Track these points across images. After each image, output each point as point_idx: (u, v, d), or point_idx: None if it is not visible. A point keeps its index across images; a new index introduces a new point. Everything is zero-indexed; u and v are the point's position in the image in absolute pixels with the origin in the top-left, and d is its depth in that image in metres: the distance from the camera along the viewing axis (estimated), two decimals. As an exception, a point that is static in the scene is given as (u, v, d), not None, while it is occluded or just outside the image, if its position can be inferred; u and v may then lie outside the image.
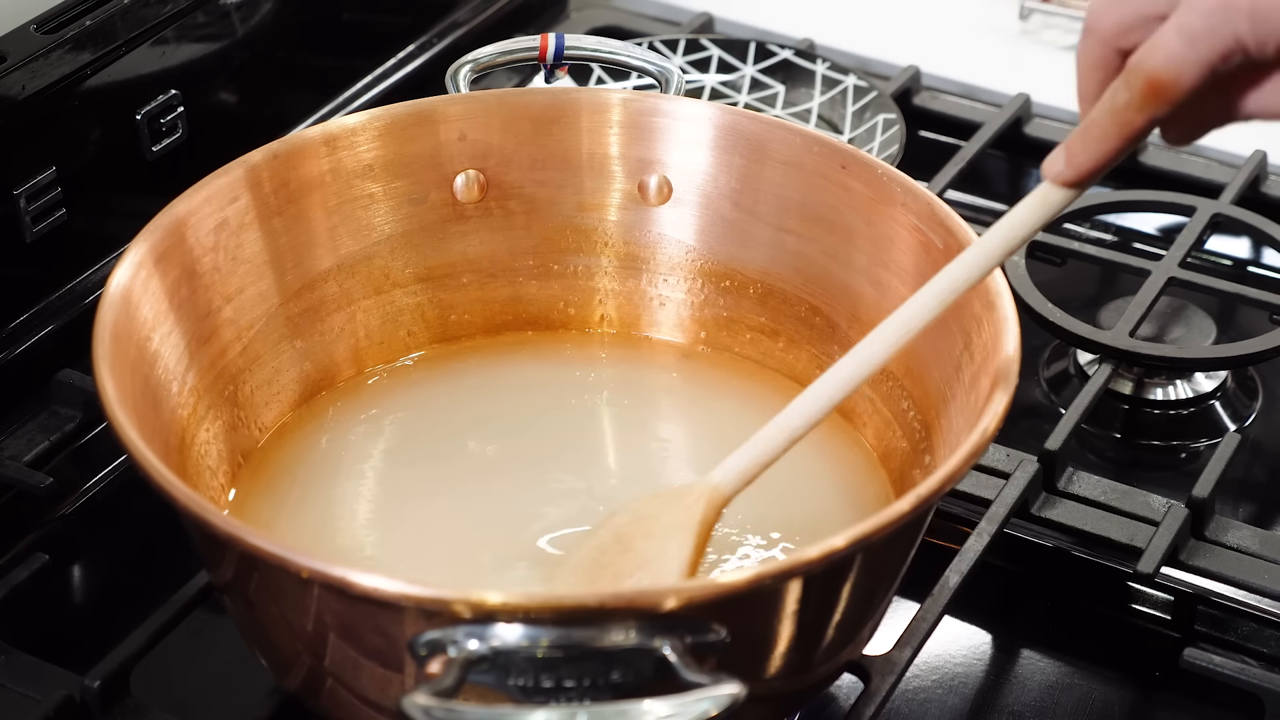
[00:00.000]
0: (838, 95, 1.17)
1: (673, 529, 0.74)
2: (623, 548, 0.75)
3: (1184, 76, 0.66)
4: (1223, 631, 0.89)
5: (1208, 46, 0.65)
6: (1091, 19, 0.69)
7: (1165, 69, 0.66)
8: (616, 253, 0.93)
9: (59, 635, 0.87)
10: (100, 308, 0.76)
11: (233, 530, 0.67)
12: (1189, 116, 0.68)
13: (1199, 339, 1.04)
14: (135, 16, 1.00)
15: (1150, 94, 0.67)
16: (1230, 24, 0.65)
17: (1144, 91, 0.67)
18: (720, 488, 0.75)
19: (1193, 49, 0.65)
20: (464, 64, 0.96)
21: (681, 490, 0.76)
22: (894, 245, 0.85)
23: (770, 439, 0.75)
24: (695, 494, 0.75)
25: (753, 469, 0.75)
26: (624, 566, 0.74)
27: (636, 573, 0.73)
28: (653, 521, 0.75)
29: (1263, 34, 0.65)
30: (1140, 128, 0.68)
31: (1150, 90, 0.67)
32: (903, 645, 0.79)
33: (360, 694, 0.71)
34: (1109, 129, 0.69)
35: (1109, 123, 0.68)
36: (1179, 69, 0.66)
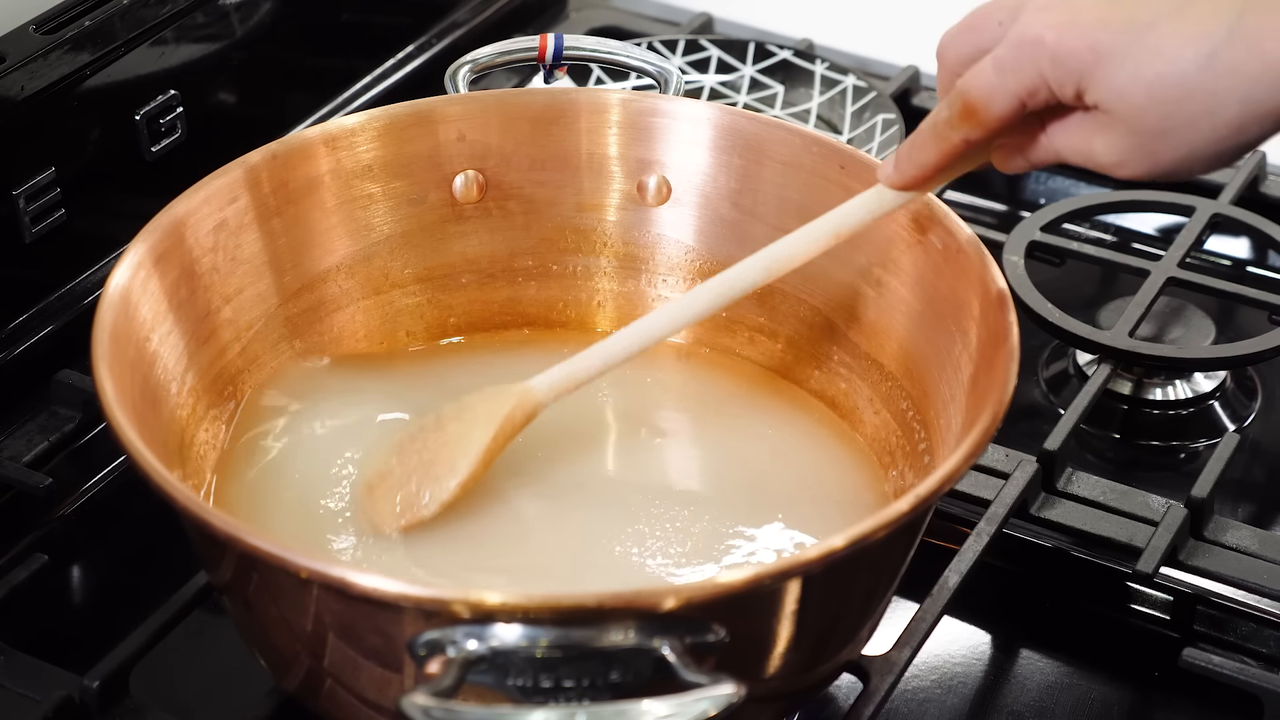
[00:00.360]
0: (837, 95, 1.17)
1: (481, 418, 0.81)
2: (438, 427, 0.81)
3: (994, 103, 0.72)
4: (1222, 631, 0.89)
5: (1015, 79, 0.71)
6: (940, 50, 0.76)
7: (978, 94, 0.72)
8: (615, 253, 0.93)
9: (58, 635, 0.87)
10: (99, 308, 0.76)
11: (232, 530, 0.67)
12: (1012, 147, 0.75)
13: (1198, 339, 1.04)
14: (134, 17, 1.00)
15: (965, 115, 0.73)
16: (1035, 62, 0.70)
17: (960, 112, 0.73)
18: (533, 392, 0.81)
19: (1002, 80, 0.71)
20: (463, 64, 0.96)
21: (501, 388, 0.81)
22: (892, 245, 0.85)
23: (590, 359, 0.82)
24: (510, 392, 0.81)
25: (568, 384, 0.82)
26: (432, 441, 0.81)
27: (439, 449, 0.80)
28: (468, 409, 0.81)
29: (1061, 76, 0.70)
30: (956, 144, 0.74)
31: (965, 112, 0.73)
32: (902, 645, 0.79)
33: (359, 694, 0.71)
34: (929, 142, 0.75)
35: (930, 137, 0.75)
36: (989, 95, 0.72)
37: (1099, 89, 0.69)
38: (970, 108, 0.73)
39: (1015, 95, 0.71)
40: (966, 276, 0.80)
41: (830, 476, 0.85)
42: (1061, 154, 0.73)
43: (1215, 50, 0.67)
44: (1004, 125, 0.73)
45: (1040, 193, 1.19)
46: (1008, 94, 0.71)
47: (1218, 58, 0.67)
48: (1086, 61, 0.69)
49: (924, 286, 0.83)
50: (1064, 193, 1.18)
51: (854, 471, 0.86)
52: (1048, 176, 1.18)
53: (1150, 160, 0.70)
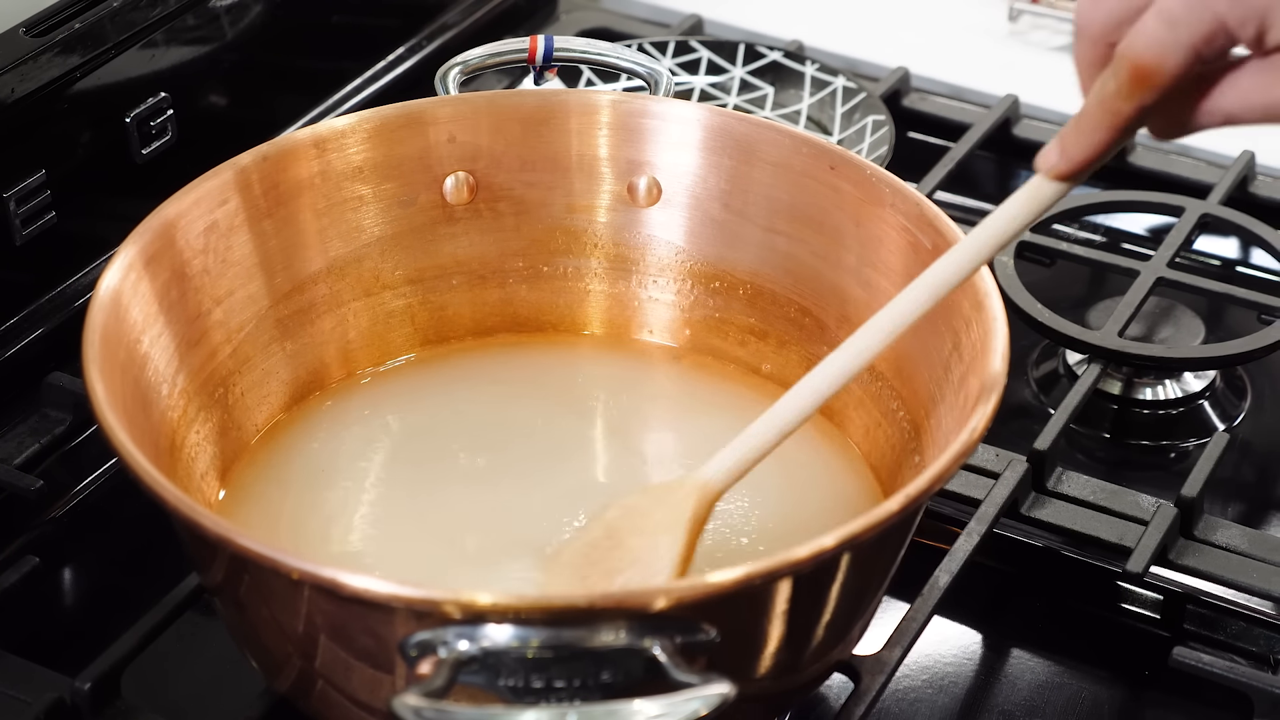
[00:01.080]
0: (827, 97, 1.17)
1: (664, 525, 0.74)
2: (614, 544, 0.75)
3: (1168, 61, 0.65)
4: (1212, 630, 0.89)
5: (1188, 29, 0.65)
6: (1080, 20, 0.69)
7: (1149, 54, 0.65)
8: (606, 254, 0.93)
9: (49, 637, 0.87)
10: (90, 310, 0.76)
11: (223, 532, 0.67)
12: (1177, 109, 0.68)
13: (1187, 339, 1.04)
14: (124, 19, 1.00)
15: (1136, 81, 0.66)
16: (1210, 5, 0.64)
17: (1130, 78, 0.66)
18: (710, 483, 0.74)
19: (1173, 33, 0.65)
20: (453, 66, 0.96)
21: (673, 485, 0.75)
22: (883, 246, 0.85)
23: (760, 434, 0.75)
24: (686, 489, 0.74)
25: (743, 464, 0.75)
26: (614, 563, 0.74)
27: (627, 570, 0.73)
28: (644, 518, 0.75)
29: (1242, 14, 0.64)
30: (1129, 116, 0.67)
31: (1136, 77, 0.66)
32: (893, 645, 0.79)
33: (351, 695, 0.71)
34: (1099, 119, 0.68)
35: (1099, 112, 0.68)
36: (1162, 53, 0.65)
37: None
38: (1141, 71, 0.66)
39: (1190, 48, 0.65)
40: (956, 277, 0.80)
41: (821, 476, 0.85)
42: (1234, 113, 0.67)
43: None
44: (1178, 85, 0.66)
45: (1030, 193, 1.19)
46: (1182, 47, 0.65)
47: None
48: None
49: (914, 287, 0.83)
50: (1054, 193, 1.18)
51: (844, 471, 0.86)
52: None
53: None
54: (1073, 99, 0.70)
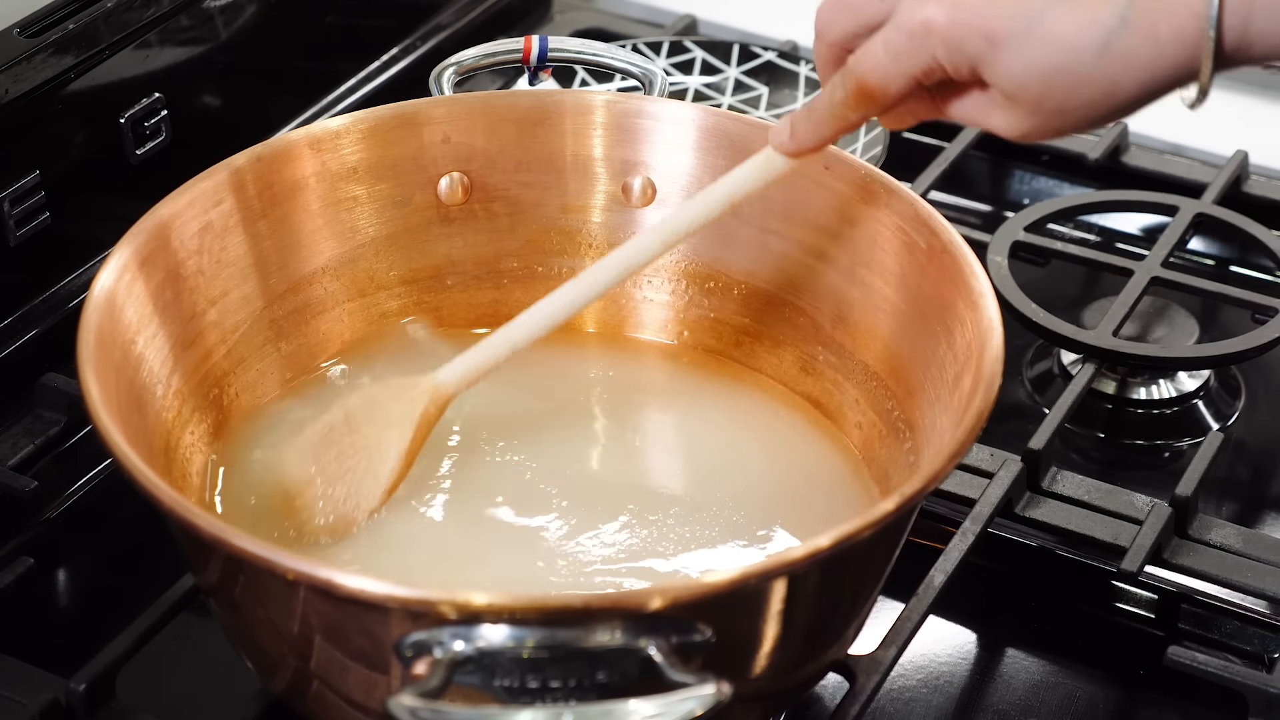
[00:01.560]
0: (821, 97, 1.17)
1: (396, 419, 0.80)
2: (349, 429, 0.80)
3: (890, 85, 0.72)
4: (1206, 630, 0.89)
5: (909, 62, 0.71)
6: (819, 25, 0.76)
7: (873, 77, 0.72)
8: (601, 254, 0.92)
9: (44, 639, 0.87)
10: (84, 311, 0.76)
11: (218, 532, 0.67)
12: (904, 111, 0.75)
13: (1182, 338, 1.04)
14: (118, 20, 1.00)
15: (861, 97, 0.73)
16: (928, 47, 0.70)
17: (855, 94, 0.73)
18: (444, 386, 0.80)
19: (896, 63, 0.71)
20: (448, 66, 0.96)
21: (409, 383, 0.81)
22: (877, 246, 0.85)
23: (496, 344, 0.81)
24: (420, 388, 0.80)
25: (477, 372, 0.81)
26: (347, 447, 0.80)
27: (357, 455, 0.79)
28: (379, 409, 0.80)
29: (956, 60, 0.70)
30: (854, 122, 0.75)
31: (861, 94, 0.73)
32: (888, 645, 0.80)
33: (346, 695, 0.71)
34: (826, 118, 0.75)
35: (827, 113, 0.75)
36: (885, 79, 0.72)
37: (994, 74, 0.70)
38: (866, 90, 0.73)
39: (910, 76, 0.71)
40: (951, 277, 0.80)
41: (816, 476, 0.85)
42: (959, 121, 0.74)
43: (1109, 39, 0.67)
44: (900, 102, 0.73)
45: (1024, 193, 1.19)
46: (903, 75, 0.72)
47: (1112, 46, 0.68)
48: (980, 48, 0.69)
49: (909, 287, 0.83)
50: (1048, 193, 1.18)
51: (839, 471, 0.86)
52: (1031, 177, 1.18)
53: (1051, 131, 0.71)
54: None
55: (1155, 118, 0.86)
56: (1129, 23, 0.67)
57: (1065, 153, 1.17)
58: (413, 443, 0.80)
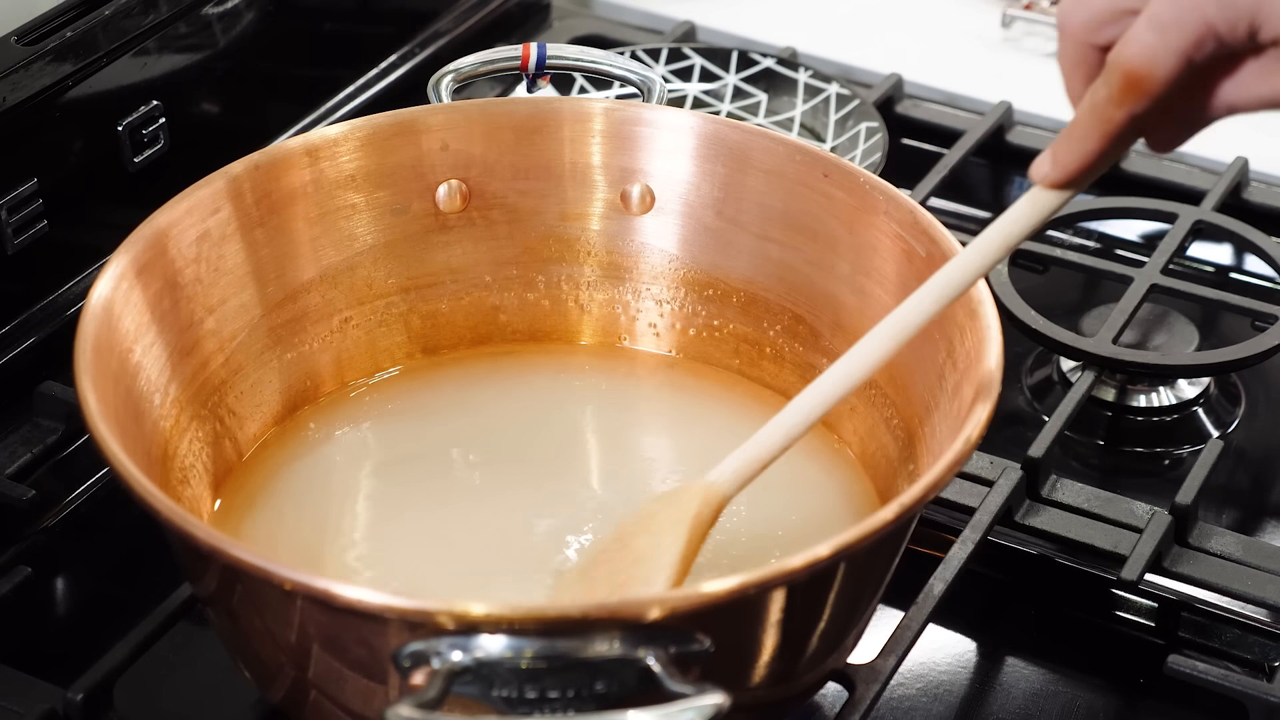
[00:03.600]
0: (820, 104, 1.17)
1: (668, 525, 0.74)
2: (621, 545, 0.75)
3: (1159, 67, 0.65)
4: (1207, 638, 0.89)
5: (1178, 34, 0.65)
6: (1062, 18, 0.69)
7: (1139, 61, 0.66)
8: (599, 262, 0.93)
9: (42, 648, 0.87)
10: (82, 320, 0.76)
11: (215, 542, 0.67)
12: (1171, 116, 0.68)
13: (1182, 346, 1.04)
14: (116, 27, 1.00)
15: (1128, 88, 0.66)
16: (1198, 9, 0.64)
17: (1122, 86, 0.66)
18: (716, 486, 0.75)
19: (1164, 38, 0.65)
20: (446, 74, 0.96)
21: (681, 490, 0.76)
22: (876, 253, 0.85)
23: (768, 439, 0.75)
24: (692, 492, 0.75)
25: (750, 469, 0.75)
26: (620, 561, 0.74)
27: (630, 567, 0.74)
28: (651, 519, 0.75)
29: (1231, 16, 0.64)
30: (1121, 124, 0.68)
31: (1127, 84, 0.66)
32: (887, 654, 0.79)
33: (344, 706, 0.71)
34: (1090, 127, 0.68)
35: (1090, 121, 0.68)
36: (1153, 60, 0.65)
37: (1276, 21, 0.64)
38: (1132, 78, 0.66)
39: (1181, 53, 0.65)
40: (950, 284, 0.80)
41: (815, 484, 0.85)
42: (1237, 105, 0.67)
43: None
44: (1169, 90, 0.66)
45: (1023, 200, 1.19)
46: (1172, 53, 0.65)
47: None
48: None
49: (908, 294, 0.83)
50: (1047, 200, 1.18)
51: (839, 479, 0.86)
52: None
53: None
54: (1066, 105, 0.70)
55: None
56: None
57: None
58: (687, 545, 0.73)
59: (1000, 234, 0.73)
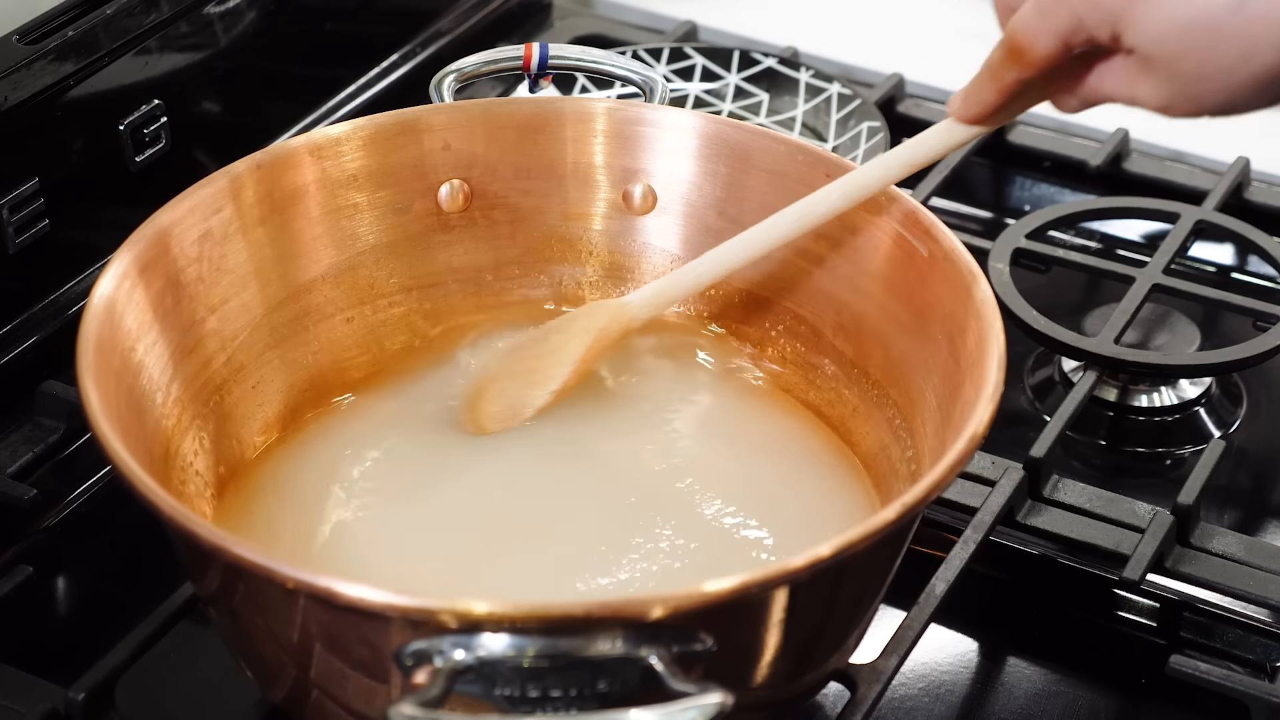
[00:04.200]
0: (822, 103, 1.17)
1: (579, 331, 0.86)
2: (543, 337, 0.87)
3: (1038, 44, 0.73)
4: (1208, 638, 0.89)
5: (1053, 20, 0.72)
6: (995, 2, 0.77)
7: (1022, 35, 0.74)
8: (601, 262, 0.93)
9: (43, 647, 0.87)
10: (84, 319, 0.76)
11: (217, 541, 0.67)
12: (1064, 88, 0.75)
13: (1183, 345, 1.04)
14: (118, 27, 1.00)
15: (1012, 55, 0.74)
16: (1070, 3, 0.71)
17: (1009, 52, 0.75)
18: (627, 308, 0.86)
19: (1042, 20, 0.73)
20: (448, 73, 0.96)
21: (599, 304, 0.87)
22: (878, 253, 0.85)
23: (679, 280, 0.86)
24: (606, 308, 0.87)
25: (660, 302, 0.87)
26: (536, 350, 0.87)
27: (541, 358, 0.86)
28: (570, 322, 0.87)
29: (1097, 18, 0.71)
30: (1010, 83, 0.76)
31: (1012, 52, 0.74)
32: (889, 654, 0.79)
33: (346, 705, 0.71)
34: (987, 81, 0.77)
35: (986, 77, 0.77)
36: (1033, 36, 0.73)
37: (1134, 33, 0.70)
38: (1017, 48, 0.74)
39: (1056, 34, 0.72)
40: (952, 284, 0.80)
41: (817, 484, 0.85)
42: (1109, 96, 0.74)
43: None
44: (1051, 64, 0.74)
45: (1025, 200, 1.19)
46: (1049, 33, 0.72)
47: (1248, 3, 0.67)
48: (1119, 4, 0.70)
49: (910, 295, 0.83)
50: (1049, 200, 1.18)
51: (840, 479, 0.86)
52: (1033, 184, 1.18)
53: (1193, 103, 0.71)
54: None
55: (1156, 124, 0.86)
56: None
57: (1066, 159, 1.17)
58: (589, 352, 0.85)
59: (909, 151, 0.82)
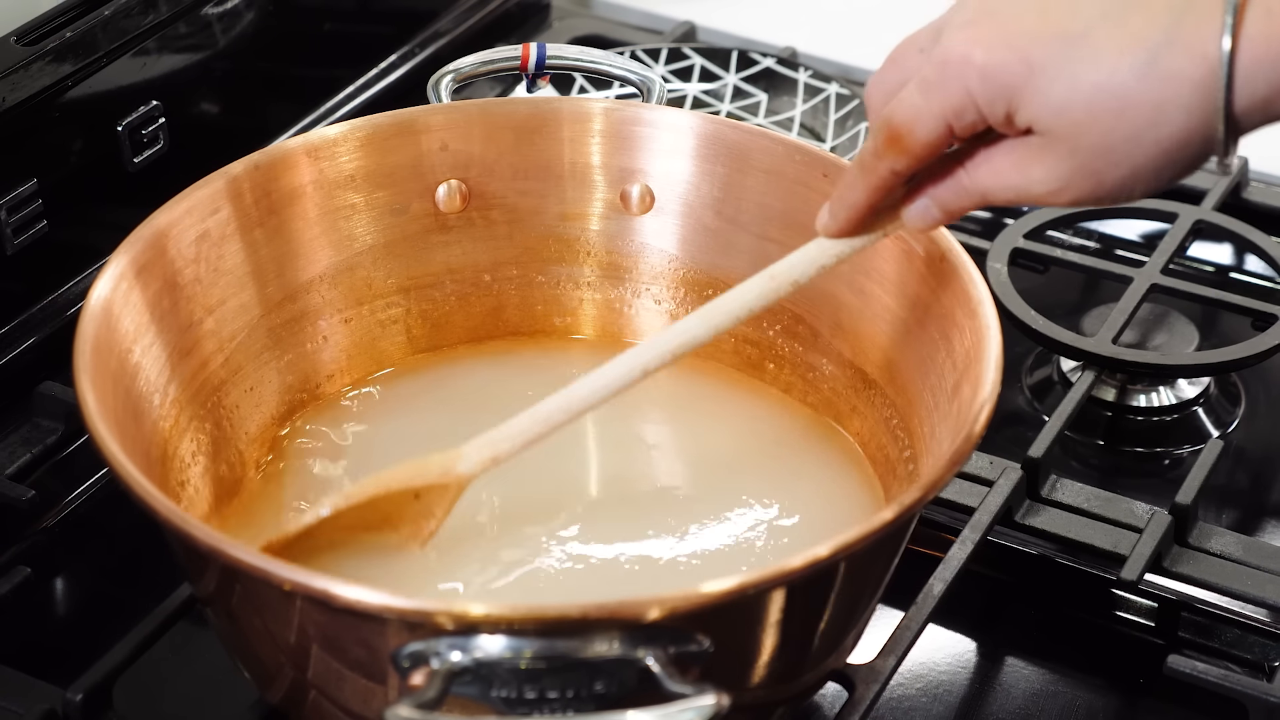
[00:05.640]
0: (820, 103, 1.17)
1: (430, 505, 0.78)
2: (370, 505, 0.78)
3: (920, 126, 0.69)
4: (1206, 638, 0.89)
5: (940, 98, 0.68)
6: (868, 94, 0.73)
7: (902, 118, 0.69)
8: (599, 262, 0.93)
9: (41, 648, 0.87)
10: (81, 320, 0.76)
11: (214, 543, 0.67)
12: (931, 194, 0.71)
13: (1181, 345, 1.04)
14: (116, 28, 1.00)
15: (890, 142, 0.70)
16: (962, 79, 0.67)
17: (885, 140, 0.70)
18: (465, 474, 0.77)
19: (927, 100, 0.68)
20: (446, 74, 0.96)
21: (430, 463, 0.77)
22: (876, 253, 0.85)
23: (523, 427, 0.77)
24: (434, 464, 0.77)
25: (501, 454, 0.77)
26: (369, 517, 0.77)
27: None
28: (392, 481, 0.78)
29: (991, 94, 0.67)
30: (885, 177, 0.71)
31: (890, 139, 0.70)
32: (887, 654, 0.79)
33: (343, 706, 0.71)
34: (857, 179, 0.72)
35: (857, 174, 0.72)
36: (915, 118, 0.69)
37: (1033, 107, 0.66)
38: (895, 134, 0.69)
39: (941, 117, 0.68)
40: (950, 284, 0.80)
41: (815, 484, 0.85)
42: (989, 192, 0.70)
43: (1154, 57, 0.64)
44: (931, 152, 0.70)
45: (1023, 200, 1.19)
46: (933, 115, 0.68)
47: (1157, 64, 0.64)
48: (1018, 76, 0.66)
49: (908, 294, 0.83)
50: (1047, 200, 1.18)
51: (839, 479, 0.86)
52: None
53: (1093, 181, 0.67)
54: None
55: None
56: (1174, 40, 0.63)
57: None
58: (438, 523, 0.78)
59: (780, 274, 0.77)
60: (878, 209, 0.73)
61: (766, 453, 0.87)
